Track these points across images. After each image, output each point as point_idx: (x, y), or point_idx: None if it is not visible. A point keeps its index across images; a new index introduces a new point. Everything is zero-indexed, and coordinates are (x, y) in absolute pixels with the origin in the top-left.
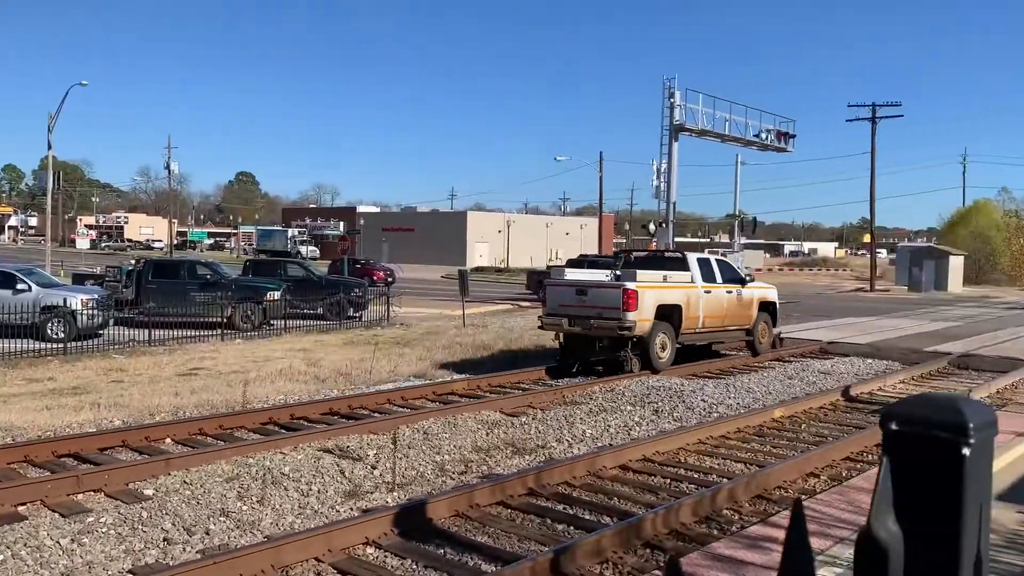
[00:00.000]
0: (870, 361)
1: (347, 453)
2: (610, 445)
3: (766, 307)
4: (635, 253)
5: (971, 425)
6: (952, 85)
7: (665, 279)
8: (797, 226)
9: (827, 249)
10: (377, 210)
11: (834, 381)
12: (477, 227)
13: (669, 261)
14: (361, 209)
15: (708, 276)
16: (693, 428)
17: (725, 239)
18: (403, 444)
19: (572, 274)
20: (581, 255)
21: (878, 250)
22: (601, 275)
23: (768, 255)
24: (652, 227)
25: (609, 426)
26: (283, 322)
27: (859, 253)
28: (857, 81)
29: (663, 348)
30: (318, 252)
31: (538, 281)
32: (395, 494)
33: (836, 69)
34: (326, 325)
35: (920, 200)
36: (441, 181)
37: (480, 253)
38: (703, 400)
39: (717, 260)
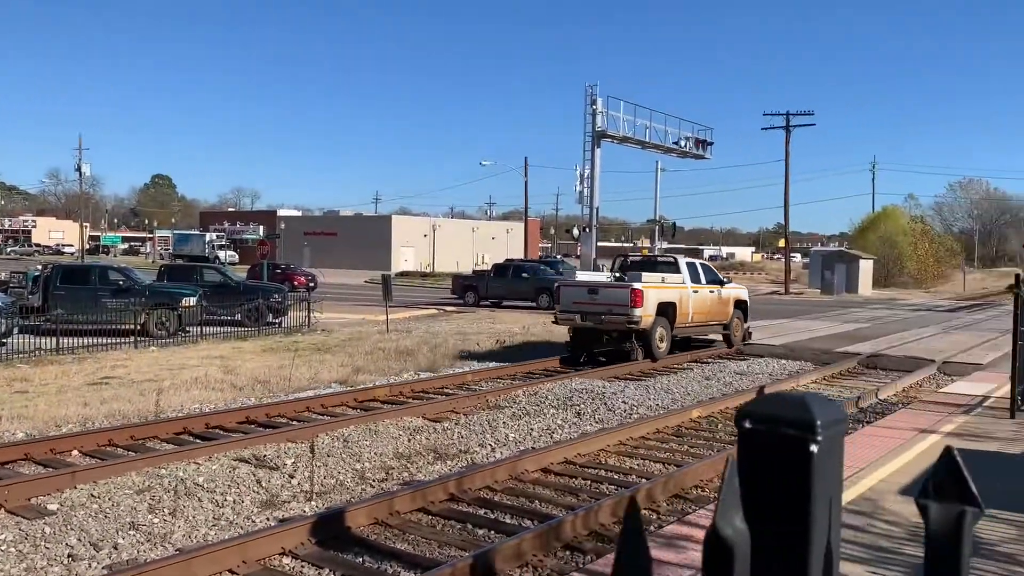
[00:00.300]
0: (784, 362)
1: (264, 462)
2: (532, 448)
3: (739, 305)
4: (630, 258)
5: (819, 423)
6: (862, 96)
7: (663, 280)
8: (716, 231)
9: (744, 253)
10: (299, 214)
11: (749, 382)
12: (402, 231)
13: (662, 265)
14: (282, 213)
15: (695, 278)
16: (614, 430)
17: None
18: (322, 452)
19: (583, 276)
20: (507, 259)
21: (793, 254)
22: (603, 277)
23: None
24: (576, 232)
25: (532, 429)
26: (199, 329)
27: (775, 257)
28: (771, 90)
29: (662, 340)
30: (237, 257)
31: (463, 285)
32: (313, 503)
33: (751, 77)
34: (244, 332)
35: (833, 206)
36: (365, 185)
37: (405, 258)
38: (624, 402)
39: (701, 264)
